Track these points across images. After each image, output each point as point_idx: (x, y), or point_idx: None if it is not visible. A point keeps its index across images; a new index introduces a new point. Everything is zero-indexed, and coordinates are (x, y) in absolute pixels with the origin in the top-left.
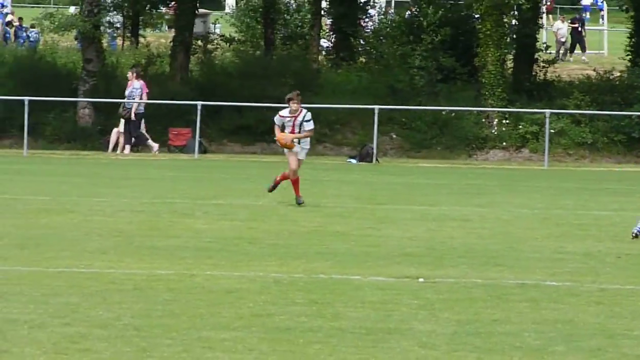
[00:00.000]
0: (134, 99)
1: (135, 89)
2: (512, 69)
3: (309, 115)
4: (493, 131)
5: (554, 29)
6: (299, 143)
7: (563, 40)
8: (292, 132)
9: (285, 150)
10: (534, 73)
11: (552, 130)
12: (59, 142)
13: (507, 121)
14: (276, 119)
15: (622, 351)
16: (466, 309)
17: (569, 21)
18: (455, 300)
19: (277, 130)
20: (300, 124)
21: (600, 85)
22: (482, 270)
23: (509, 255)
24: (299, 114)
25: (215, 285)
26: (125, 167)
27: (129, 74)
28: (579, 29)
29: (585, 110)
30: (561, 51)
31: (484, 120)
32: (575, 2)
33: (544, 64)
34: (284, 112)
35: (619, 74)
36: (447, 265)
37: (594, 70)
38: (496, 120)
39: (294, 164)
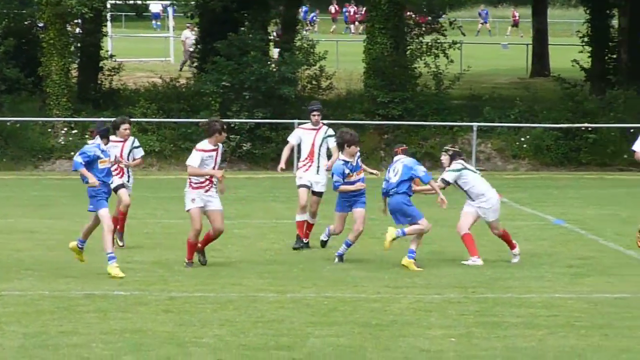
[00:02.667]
0: None
1: None
2: (77, 78)
3: (330, 131)
4: (60, 141)
5: (183, 37)
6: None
7: (191, 49)
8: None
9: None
10: (99, 82)
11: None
12: None
13: (74, 131)
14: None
15: (191, 359)
16: (33, 321)
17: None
18: (22, 313)
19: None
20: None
21: (167, 92)
22: (50, 282)
23: (77, 266)
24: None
25: None
26: None
27: None
28: None
29: (152, 118)
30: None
31: (50, 130)
32: (146, 10)
33: (110, 72)
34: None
35: (185, 81)
36: (13, 277)
37: (160, 77)
38: (63, 130)
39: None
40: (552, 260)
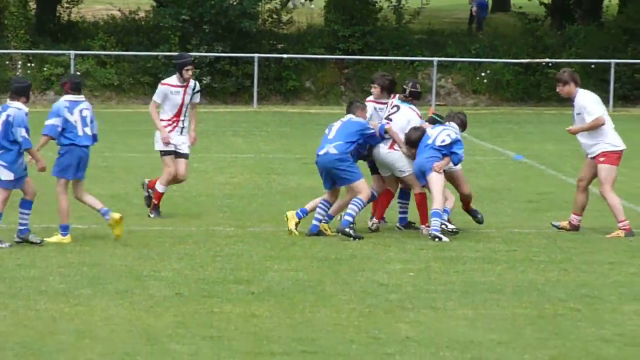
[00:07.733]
0: None
1: None
2: (35, 10)
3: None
4: (17, 74)
5: None
6: None
7: None
8: None
9: None
10: (58, 14)
11: (77, 72)
12: None
13: (32, 64)
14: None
15: (149, 292)
16: None
17: None
18: None
19: None
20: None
21: (126, 25)
22: (7, 215)
23: (34, 200)
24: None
25: None
26: None
27: None
28: None
29: (111, 51)
30: None
31: (7, 62)
32: None
33: (68, 5)
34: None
35: (144, 14)
36: None
37: (119, 10)
38: (20, 62)
39: None
40: (512, 196)
